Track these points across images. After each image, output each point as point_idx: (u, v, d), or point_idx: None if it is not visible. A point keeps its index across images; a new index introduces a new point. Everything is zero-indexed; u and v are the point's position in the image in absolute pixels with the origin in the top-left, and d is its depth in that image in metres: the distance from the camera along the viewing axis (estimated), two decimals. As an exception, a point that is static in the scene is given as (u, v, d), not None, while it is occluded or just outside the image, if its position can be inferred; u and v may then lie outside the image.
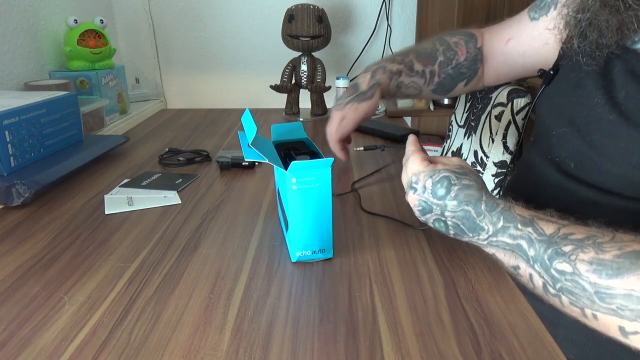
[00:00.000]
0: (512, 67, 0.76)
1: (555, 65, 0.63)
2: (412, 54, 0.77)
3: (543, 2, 0.68)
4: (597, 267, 0.37)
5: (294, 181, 0.49)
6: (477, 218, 0.46)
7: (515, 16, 0.75)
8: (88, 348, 0.40)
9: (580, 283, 0.38)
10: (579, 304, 0.39)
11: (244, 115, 0.54)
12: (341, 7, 1.51)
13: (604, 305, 0.37)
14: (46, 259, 0.55)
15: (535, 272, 0.42)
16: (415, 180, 0.50)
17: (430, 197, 0.48)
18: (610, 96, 0.50)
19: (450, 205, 0.47)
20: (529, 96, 0.94)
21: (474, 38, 0.79)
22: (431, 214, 0.49)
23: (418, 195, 0.49)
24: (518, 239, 0.43)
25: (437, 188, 0.48)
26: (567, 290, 0.39)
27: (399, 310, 0.45)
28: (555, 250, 0.40)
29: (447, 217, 0.48)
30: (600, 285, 0.37)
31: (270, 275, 0.51)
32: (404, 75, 0.75)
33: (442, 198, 0.48)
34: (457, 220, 0.47)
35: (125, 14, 1.50)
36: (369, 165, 0.85)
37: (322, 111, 1.23)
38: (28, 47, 1.06)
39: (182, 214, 0.66)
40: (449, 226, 0.48)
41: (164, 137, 1.05)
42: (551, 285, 0.41)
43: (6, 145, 0.71)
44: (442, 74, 0.77)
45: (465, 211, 0.47)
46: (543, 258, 0.41)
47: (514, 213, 0.45)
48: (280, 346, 0.40)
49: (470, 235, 0.47)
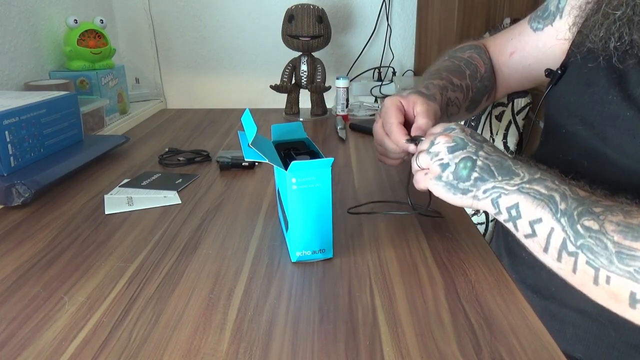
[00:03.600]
0: (518, 80, 0.75)
1: (563, 64, 0.62)
2: (443, 71, 0.70)
3: (546, 12, 0.68)
4: (624, 228, 0.38)
5: (294, 181, 0.49)
6: (512, 165, 0.46)
7: (515, 27, 0.74)
8: (88, 348, 0.40)
9: (604, 241, 0.39)
10: (596, 263, 0.39)
11: (244, 115, 0.54)
12: (341, 7, 1.51)
13: (621, 266, 0.37)
14: (46, 259, 0.55)
15: (559, 225, 0.42)
16: (452, 127, 0.50)
17: (469, 137, 0.49)
18: (627, 93, 0.50)
19: (487, 148, 0.48)
20: (529, 96, 0.94)
21: (483, 50, 0.77)
22: (463, 151, 0.48)
23: (455, 133, 0.49)
24: (552, 191, 0.43)
25: (475, 134, 0.49)
26: (587, 247, 0.40)
27: (399, 310, 0.45)
28: (586, 208, 0.41)
29: (481, 156, 0.47)
30: (623, 246, 0.38)
31: (270, 275, 0.51)
32: (449, 90, 0.68)
33: (479, 141, 0.49)
34: (490, 162, 0.47)
35: (125, 14, 1.50)
36: (369, 165, 0.85)
37: (322, 111, 1.23)
38: (28, 47, 1.06)
39: (182, 214, 0.66)
40: (476, 166, 0.47)
41: (164, 137, 1.05)
42: (572, 242, 0.41)
43: (6, 145, 0.71)
44: (473, 88, 0.73)
45: (501, 157, 0.47)
46: (572, 213, 0.41)
47: (550, 173, 0.46)
48: (280, 346, 0.40)
49: (499, 179, 0.46)
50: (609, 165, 0.52)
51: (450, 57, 0.75)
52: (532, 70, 0.71)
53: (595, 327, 0.56)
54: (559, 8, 0.66)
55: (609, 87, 0.52)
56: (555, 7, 0.66)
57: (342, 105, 1.18)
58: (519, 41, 0.72)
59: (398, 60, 1.59)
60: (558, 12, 0.65)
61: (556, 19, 0.66)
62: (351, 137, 1.03)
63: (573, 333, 0.57)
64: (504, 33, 0.77)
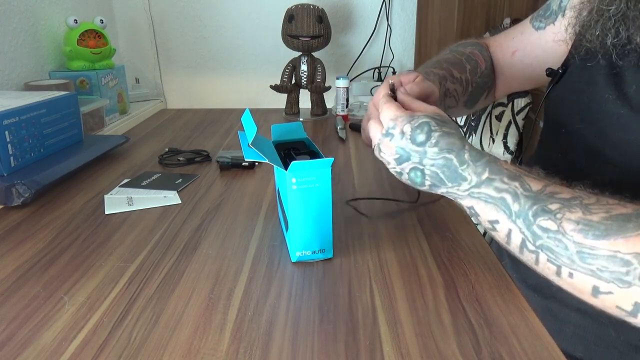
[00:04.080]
0: (519, 79, 0.75)
1: (564, 63, 0.62)
2: (443, 63, 0.69)
3: (549, 11, 0.67)
4: (583, 227, 0.37)
5: (294, 181, 0.49)
6: (459, 167, 0.44)
7: (517, 27, 0.74)
8: (88, 348, 0.40)
9: (563, 241, 0.38)
10: (557, 262, 0.39)
11: (244, 115, 0.54)
12: (341, 7, 1.51)
13: (583, 265, 0.37)
14: (46, 259, 0.55)
15: (515, 227, 0.41)
16: (392, 125, 0.47)
17: (409, 144, 0.45)
18: (622, 92, 0.50)
19: (431, 153, 0.45)
20: (529, 96, 0.94)
21: (484, 48, 0.76)
22: (408, 162, 0.46)
23: (395, 142, 0.46)
24: (503, 192, 0.42)
25: (416, 134, 0.45)
26: (547, 247, 0.39)
27: (399, 310, 0.45)
28: (541, 207, 0.40)
29: (426, 165, 0.45)
30: (584, 245, 0.37)
31: (270, 275, 0.51)
32: (448, 81, 0.67)
33: (422, 144, 0.45)
34: (437, 169, 0.45)
35: (125, 14, 1.50)
36: (370, 165, 0.85)
37: (322, 111, 1.23)
38: (28, 47, 1.06)
39: (182, 214, 0.66)
40: (425, 175, 0.46)
41: (164, 137, 1.05)
42: (530, 242, 0.40)
43: (6, 145, 0.71)
44: (473, 82, 0.71)
45: (446, 159, 0.44)
46: (527, 214, 0.40)
47: (500, 166, 0.44)
48: (280, 346, 0.40)
49: (449, 186, 0.45)
50: (607, 164, 0.53)
51: (451, 51, 0.74)
52: (534, 70, 0.71)
53: (595, 327, 0.56)
54: (561, 7, 0.65)
55: (606, 86, 0.52)
56: (558, 6, 0.66)
57: (342, 105, 1.18)
58: (521, 40, 0.72)
59: (398, 60, 1.59)
60: (560, 11, 0.65)
61: (558, 18, 0.65)
62: (351, 137, 1.03)
63: (573, 332, 0.57)
64: (505, 32, 0.77)
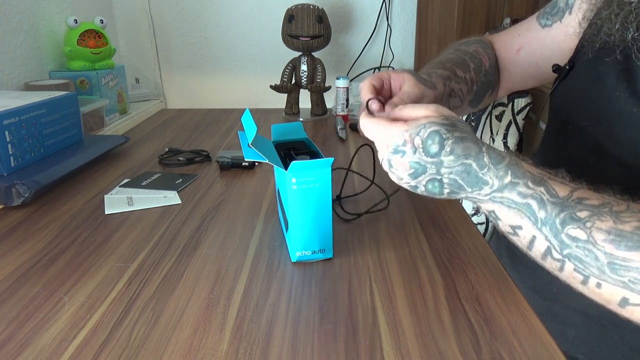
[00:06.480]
0: (524, 78, 0.74)
1: (571, 59, 0.61)
2: (447, 63, 0.68)
3: (555, 9, 0.67)
4: (615, 237, 0.36)
5: (294, 181, 0.49)
6: (479, 171, 0.42)
7: (523, 24, 0.73)
8: (88, 348, 0.40)
9: (594, 252, 0.37)
10: (586, 272, 0.37)
11: (244, 115, 0.54)
12: (341, 7, 1.51)
13: (614, 276, 0.36)
14: (46, 259, 0.55)
15: (541, 234, 0.39)
16: (401, 142, 0.44)
17: (423, 156, 0.43)
18: (634, 89, 0.49)
19: (447, 161, 0.42)
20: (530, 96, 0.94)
21: (488, 45, 0.76)
22: (425, 174, 0.44)
23: (407, 158, 0.44)
24: (528, 198, 0.40)
25: (428, 145, 0.42)
26: (575, 257, 0.38)
27: (399, 310, 0.45)
28: (569, 214, 0.38)
29: (444, 174, 0.43)
30: (616, 257, 0.36)
31: (270, 275, 0.51)
32: (453, 81, 0.65)
33: (436, 155, 0.42)
34: (456, 176, 0.43)
35: (125, 14, 1.50)
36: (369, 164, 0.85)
37: (322, 111, 1.23)
38: (28, 47, 1.06)
39: (182, 214, 0.66)
40: (444, 185, 0.43)
41: (164, 137, 1.05)
42: (557, 251, 0.39)
43: (6, 145, 0.71)
44: (478, 81, 0.70)
45: (465, 165, 0.42)
46: (554, 222, 0.39)
47: (523, 169, 0.41)
48: (280, 346, 0.40)
49: (469, 191, 0.43)
50: (615, 162, 0.51)
51: (455, 49, 0.73)
52: (538, 68, 0.70)
53: (597, 329, 0.56)
54: (568, 4, 0.65)
55: (617, 83, 0.51)
56: (565, 4, 0.65)
57: (342, 105, 1.18)
58: (527, 37, 0.71)
59: (398, 60, 1.59)
60: (567, 8, 0.65)
61: (565, 15, 0.65)
62: (351, 137, 1.03)
63: (575, 334, 0.57)
64: (510, 30, 0.76)
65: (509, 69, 0.75)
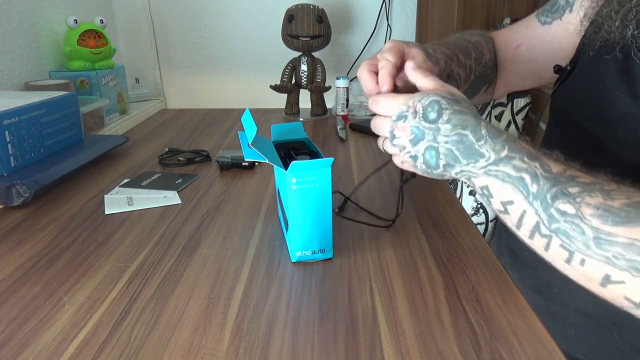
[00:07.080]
0: (521, 76, 0.74)
1: (572, 60, 0.60)
2: (451, 45, 0.67)
3: (555, 6, 0.67)
4: (603, 212, 0.36)
5: (294, 181, 0.49)
6: (476, 143, 0.43)
7: (522, 21, 0.73)
8: (88, 348, 0.40)
9: (581, 226, 0.37)
10: (571, 247, 0.38)
11: (244, 115, 0.54)
12: (341, 7, 1.51)
13: (599, 251, 0.36)
14: (46, 259, 0.55)
15: (531, 209, 0.40)
16: (405, 108, 0.46)
17: (422, 121, 0.44)
18: (633, 89, 0.49)
19: (444, 129, 0.43)
20: (529, 96, 0.94)
21: (490, 39, 0.75)
22: (423, 141, 0.45)
23: (409, 122, 0.45)
24: (522, 172, 0.41)
25: (427, 111, 0.44)
26: (562, 231, 0.38)
27: (399, 310, 0.45)
28: (560, 189, 0.39)
29: (440, 142, 0.44)
30: (602, 231, 0.36)
31: (270, 275, 0.51)
32: (454, 63, 0.64)
33: (434, 122, 0.44)
34: (451, 145, 0.43)
35: (125, 14, 1.50)
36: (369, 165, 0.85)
37: (322, 111, 1.23)
38: (28, 47, 1.06)
39: (182, 214, 0.66)
40: (440, 155, 0.44)
41: (164, 137, 1.05)
42: (545, 225, 0.39)
43: (6, 145, 0.71)
44: (476, 71, 0.70)
45: (460, 135, 0.43)
46: (545, 196, 0.39)
47: (519, 145, 0.42)
48: (280, 346, 0.40)
49: (464, 163, 0.44)
50: (616, 163, 0.51)
51: (458, 37, 0.72)
52: (538, 65, 0.70)
53: (597, 329, 0.56)
54: (568, 2, 0.65)
55: (618, 84, 0.51)
56: (565, 2, 0.65)
57: (342, 105, 1.18)
58: (526, 34, 0.71)
59: (398, 60, 1.58)
60: (568, 6, 0.64)
61: (565, 13, 0.65)
62: (351, 137, 1.03)
63: (575, 334, 0.57)
64: (510, 27, 0.76)
65: (507, 67, 0.75)
